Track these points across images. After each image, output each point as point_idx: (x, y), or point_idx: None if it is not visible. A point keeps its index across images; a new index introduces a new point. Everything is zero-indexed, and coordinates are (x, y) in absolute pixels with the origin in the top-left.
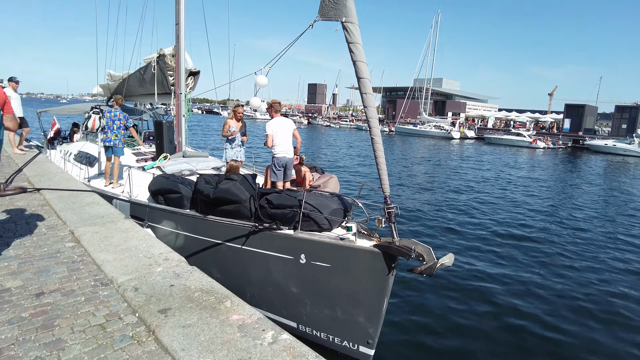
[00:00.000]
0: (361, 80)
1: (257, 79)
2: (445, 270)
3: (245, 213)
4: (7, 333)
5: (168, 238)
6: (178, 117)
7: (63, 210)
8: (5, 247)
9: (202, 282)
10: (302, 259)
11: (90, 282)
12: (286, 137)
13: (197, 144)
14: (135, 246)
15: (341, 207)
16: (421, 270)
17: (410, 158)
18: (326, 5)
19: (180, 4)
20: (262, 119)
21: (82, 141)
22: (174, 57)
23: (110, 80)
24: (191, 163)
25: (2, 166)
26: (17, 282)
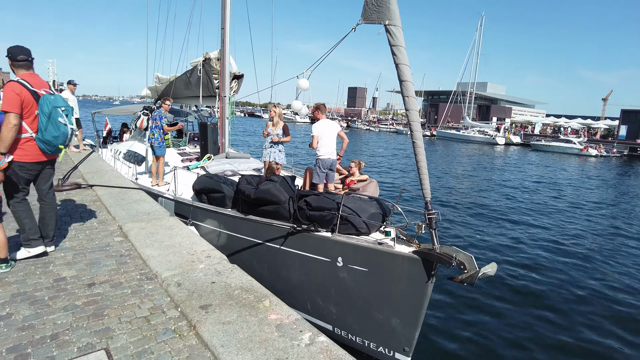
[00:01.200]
0: (404, 83)
1: (299, 82)
2: (487, 280)
3: (284, 214)
4: (62, 319)
5: (210, 236)
6: (222, 119)
7: (113, 206)
8: (62, 239)
9: (242, 280)
10: (339, 262)
11: (136, 275)
12: (331, 139)
13: (239, 146)
14: (179, 243)
15: (380, 211)
16: (462, 279)
17: (452, 163)
18: (369, 9)
19: (226, 9)
20: (302, 122)
21: (131, 140)
22: (219, 60)
23: (158, 82)
24: (233, 164)
25: (60, 163)
26: (72, 272)
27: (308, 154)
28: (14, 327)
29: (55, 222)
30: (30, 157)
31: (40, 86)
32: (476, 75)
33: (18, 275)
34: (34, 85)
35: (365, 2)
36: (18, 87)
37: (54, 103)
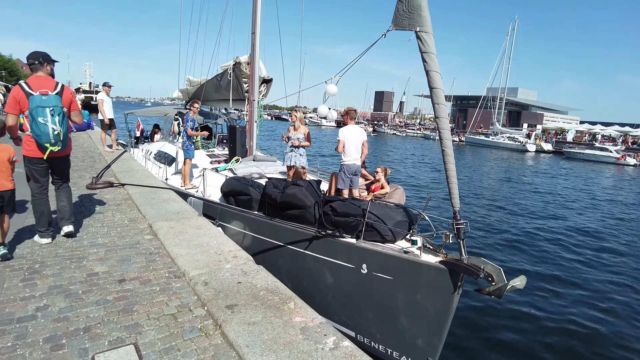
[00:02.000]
0: (434, 91)
1: (327, 87)
2: (515, 293)
3: (309, 218)
4: (95, 313)
5: (236, 237)
6: (250, 123)
7: (143, 204)
8: (95, 235)
9: (267, 282)
10: (364, 269)
11: (164, 273)
12: (357, 145)
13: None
14: (206, 242)
15: (406, 219)
16: (489, 291)
17: (480, 170)
18: (400, 15)
19: (257, 14)
20: (327, 126)
21: (161, 141)
22: (249, 65)
23: (189, 85)
24: (260, 167)
25: (94, 161)
26: (104, 267)
27: (334, 159)
28: (50, 318)
29: (69, 208)
30: (32, 152)
31: (39, 87)
32: (507, 80)
33: (54, 269)
34: (33, 86)
35: (396, 9)
36: (16, 90)
37: (38, 103)
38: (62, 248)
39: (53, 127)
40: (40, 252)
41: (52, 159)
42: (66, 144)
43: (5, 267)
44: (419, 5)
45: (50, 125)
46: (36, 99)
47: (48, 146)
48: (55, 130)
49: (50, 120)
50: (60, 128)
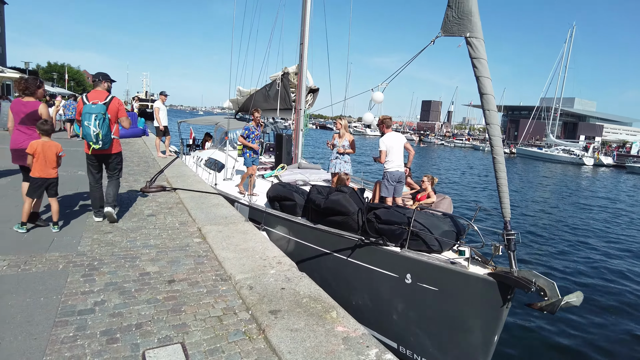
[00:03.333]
0: (484, 97)
1: (374, 95)
2: (570, 310)
3: (352, 225)
4: (146, 311)
5: (280, 242)
6: (296, 131)
7: (193, 209)
8: (148, 237)
9: (310, 289)
10: (408, 279)
11: (211, 276)
12: (399, 152)
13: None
14: (252, 247)
15: (454, 229)
16: (542, 306)
17: (533, 183)
18: (449, 21)
19: (305, 26)
20: (372, 135)
21: (212, 149)
22: (297, 75)
23: (239, 95)
24: (305, 174)
25: (148, 167)
26: (155, 268)
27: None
28: (106, 313)
29: (114, 195)
30: (85, 150)
31: (93, 99)
32: (563, 90)
33: (111, 267)
34: (90, 98)
35: (446, 15)
36: (78, 100)
37: (87, 110)
38: (118, 248)
39: (93, 130)
40: (99, 250)
41: (98, 156)
42: (107, 144)
43: (69, 263)
44: (469, 10)
45: (92, 128)
46: (86, 107)
47: (92, 144)
48: (94, 132)
49: (92, 124)
50: (99, 130)
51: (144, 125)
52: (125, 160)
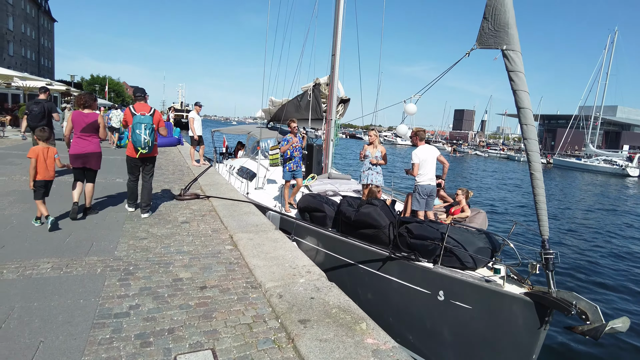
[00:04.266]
0: (522, 111)
1: (407, 107)
2: (615, 337)
3: (383, 239)
4: (178, 316)
5: (310, 252)
6: (327, 141)
7: (226, 216)
8: (182, 243)
9: (339, 300)
10: (440, 296)
11: (242, 283)
12: (431, 165)
13: (340, 166)
14: (282, 256)
15: (488, 246)
16: (584, 330)
17: (571, 196)
18: (485, 34)
19: (337, 37)
20: (402, 145)
21: (244, 158)
22: (328, 85)
23: (271, 105)
24: (335, 184)
25: (182, 175)
26: (188, 274)
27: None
28: (140, 317)
29: (148, 197)
30: (130, 153)
31: (139, 110)
32: (604, 98)
33: (145, 272)
34: (136, 109)
35: (481, 27)
36: (127, 111)
37: (137, 120)
38: (153, 253)
39: (144, 137)
40: (134, 255)
41: (142, 159)
42: (151, 149)
43: (106, 267)
44: (506, 22)
45: (143, 136)
46: (137, 118)
47: (139, 149)
48: (145, 139)
49: (143, 132)
50: (149, 138)
51: (179, 134)
52: (160, 168)
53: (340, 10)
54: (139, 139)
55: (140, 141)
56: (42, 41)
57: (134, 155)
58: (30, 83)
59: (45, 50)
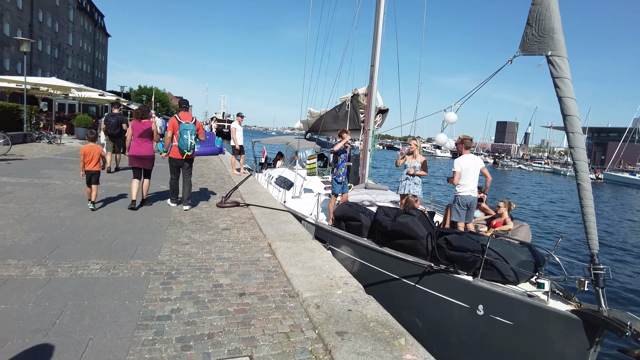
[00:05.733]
0: (568, 118)
1: (447, 116)
2: None
3: (421, 250)
4: (217, 321)
5: (345, 262)
6: (364, 151)
7: (264, 224)
8: (222, 249)
9: (377, 313)
10: (480, 310)
11: (280, 291)
12: (474, 176)
13: (377, 177)
14: (319, 266)
15: (532, 259)
16: None
17: (624, 213)
18: (529, 40)
19: (377, 48)
20: (442, 156)
21: (282, 167)
22: (367, 96)
23: (310, 116)
24: (372, 194)
25: (224, 183)
26: (227, 280)
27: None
28: (181, 321)
29: (189, 192)
30: (175, 155)
31: (184, 119)
32: None
33: (187, 277)
34: (182, 118)
35: (525, 33)
36: (173, 119)
37: (184, 127)
38: (194, 259)
39: (190, 141)
40: (176, 260)
41: (185, 160)
42: (193, 152)
43: (150, 271)
44: (552, 27)
45: (189, 140)
46: (183, 125)
47: (186, 151)
48: (191, 143)
49: (189, 137)
50: (193, 142)
51: (221, 144)
52: (202, 176)
53: (380, 21)
54: (186, 143)
55: (187, 144)
56: (96, 55)
57: (179, 157)
58: (85, 94)
59: (99, 63)
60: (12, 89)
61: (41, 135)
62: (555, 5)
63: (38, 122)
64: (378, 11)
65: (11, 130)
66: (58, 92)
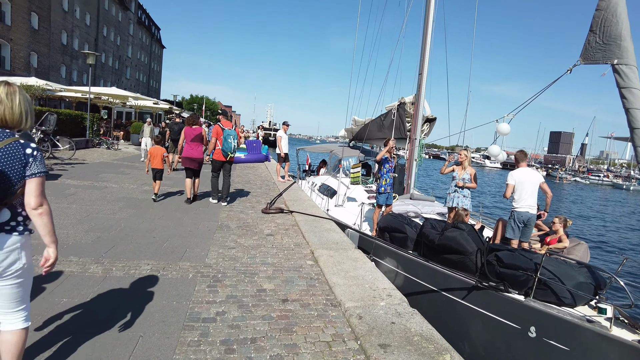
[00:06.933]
0: (636, 132)
1: (500, 127)
2: None
3: (469, 266)
4: (261, 326)
5: (388, 274)
6: (410, 161)
7: (307, 232)
8: (266, 255)
9: (422, 327)
10: (532, 333)
11: (322, 299)
12: (531, 191)
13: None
14: (362, 276)
15: (591, 281)
16: None
17: None
18: (592, 48)
19: (425, 56)
20: (492, 167)
21: (326, 175)
22: (414, 104)
23: (354, 124)
24: (417, 205)
25: (269, 189)
26: (271, 285)
27: (499, 203)
28: (226, 324)
29: (228, 190)
30: (218, 157)
31: (227, 126)
32: None
33: (232, 280)
34: (224, 125)
35: (587, 41)
36: (217, 126)
37: (227, 133)
38: (239, 263)
39: (233, 145)
40: (223, 263)
41: (227, 161)
42: (234, 154)
43: (197, 273)
44: (618, 34)
45: (232, 144)
46: (226, 131)
47: (229, 153)
48: (234, 147)
49: (233, 141)
50: (235, 145)
51: (266, 151)
52: (248, 182)
53: (429, 29)
54: (229, 146)
55: (230, 147)
56: (152, 65)
57: (222, 158)
58: (141, 102)
59: (154, 73)
60: (78, 99)
61: (101, 141)
62: (623, 11)
63: (99, 128)
64: (427, 19)
65: (75, 136)
66: (117, 100)
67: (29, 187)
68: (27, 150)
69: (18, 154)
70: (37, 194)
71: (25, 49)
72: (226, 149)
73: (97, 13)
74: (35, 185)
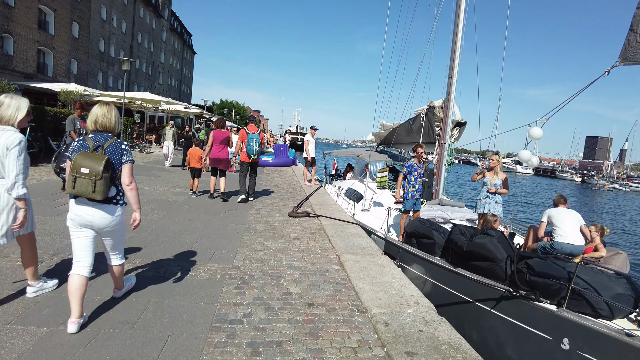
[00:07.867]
0: None
1: (532, 131)
2: None
3: (499, 274)
4: (287, 330)
5: (415, 280)
6: (439, 166)
7: (333, 236)
8: (293, 258)
9: (450, 336)
10: (565, 345)
11: (348, 305)
12: (571, 225)
13: (453, 194)
14: (389, 282)
15: (631, 293)
16: None
17: None
18: (632, 47)
19: (455, 59)
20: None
21: (352, 180)
22: (443, 108)
23: (382, 129)
24: (446, 211)
25: (295, 194)
26: (297, 289)
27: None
28: (252, 326)
29: (253, 187)
30: (244, 158)
31: (252, 130)
32: None
33: (259, 283)
34: (249, 129)
35: (627, 41)
36: (243, 130)
37: (251, 137)
38: (266, 265)
39: (255, 148)
40: (250, 266)
41: (252, 162)
42: (258, 156)
43: (225, 275)
44: None
45: (255, 147)
46: (250, 135)
47: (252, 156)
48: (256, 149)
49: (254, 145)
50: (258, 148)
51: (294, 155)
52: (276, 186)
53: (459, 32)
54: (252, 149)
55: (252, 150)
56: (184, 70)
57: (247, 160)
58: (173, 107)
59: (186, 78)
60: (113, 103)
61: (134, 144)
62: None
63: (132, 132)
64: (457, 21)
65: None
66: (150, 105)
67: (125, 170)
68: (122, 145)
69: (118, 148)
70: (129, 175)
71: (66, 56)
72: (249, 151)
73: (132, 21)
74: (128, 168)
